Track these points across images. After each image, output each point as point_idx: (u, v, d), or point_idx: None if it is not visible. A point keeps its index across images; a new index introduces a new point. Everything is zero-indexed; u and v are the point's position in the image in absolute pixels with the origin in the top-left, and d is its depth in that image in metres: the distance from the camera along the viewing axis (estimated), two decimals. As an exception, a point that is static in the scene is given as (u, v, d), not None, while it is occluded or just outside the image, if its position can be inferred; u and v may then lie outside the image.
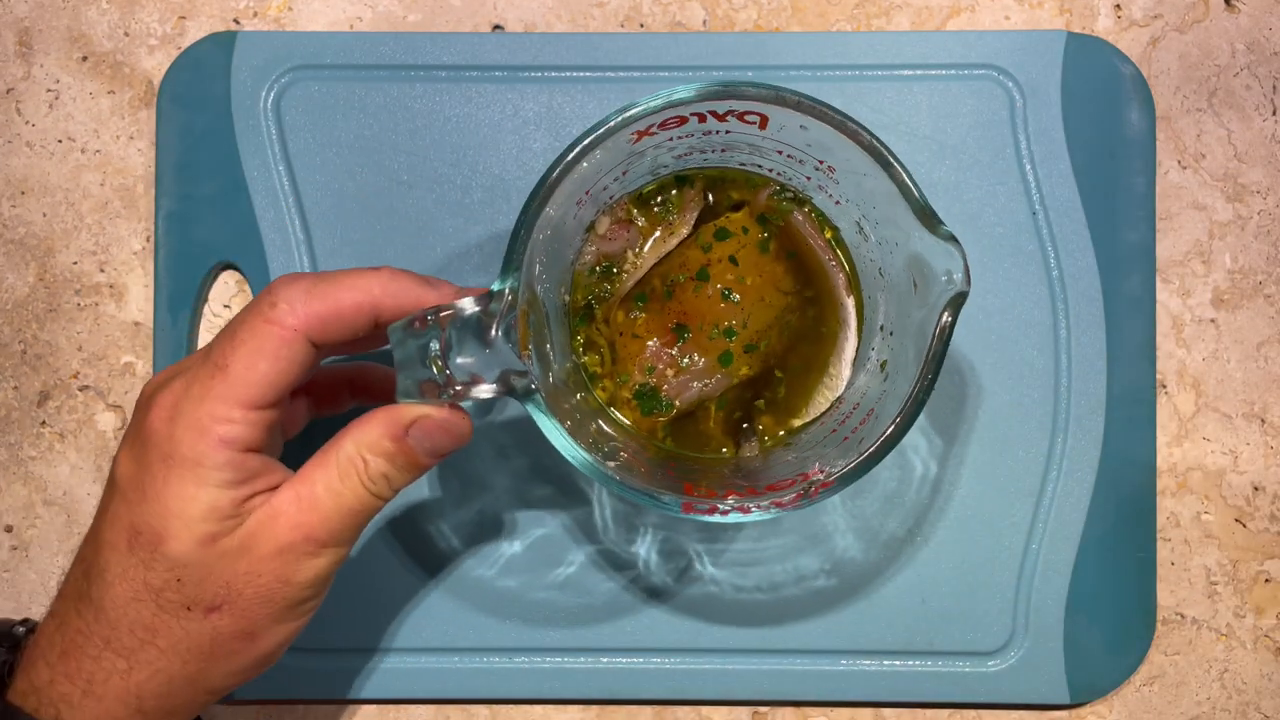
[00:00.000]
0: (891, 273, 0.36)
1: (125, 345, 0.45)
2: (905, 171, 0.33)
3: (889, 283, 0.37)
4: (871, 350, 0.39)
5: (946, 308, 0.32)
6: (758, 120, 0.35)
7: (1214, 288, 0.45)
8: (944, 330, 0.32)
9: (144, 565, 0.32)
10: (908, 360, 0.34)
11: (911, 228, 0.33)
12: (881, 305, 0.38)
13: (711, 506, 0.33)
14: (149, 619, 0.32)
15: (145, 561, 0.32)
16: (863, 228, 0.38)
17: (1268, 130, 0.45)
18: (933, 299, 0.33)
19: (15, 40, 0.46)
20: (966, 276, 0.32)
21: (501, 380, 0.32)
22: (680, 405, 0.40)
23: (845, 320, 0.40)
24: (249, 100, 0.44)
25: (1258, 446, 0.45)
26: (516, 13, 0.46)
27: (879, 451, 0.33)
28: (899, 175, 0.33)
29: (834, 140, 0.34)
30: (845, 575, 0.44)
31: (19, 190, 0.46)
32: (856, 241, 0.39)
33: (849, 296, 0.40)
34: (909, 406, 0.33)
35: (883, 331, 0.38)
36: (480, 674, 0.43)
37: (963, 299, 0.32)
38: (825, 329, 0.40)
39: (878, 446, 0.33)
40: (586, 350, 0.40)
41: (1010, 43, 0.44)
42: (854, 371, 0.40)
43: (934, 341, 0.32)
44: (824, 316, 0.40)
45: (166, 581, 0.32)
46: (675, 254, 0.40)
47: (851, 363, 0.40)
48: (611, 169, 0.37)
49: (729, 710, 0.45)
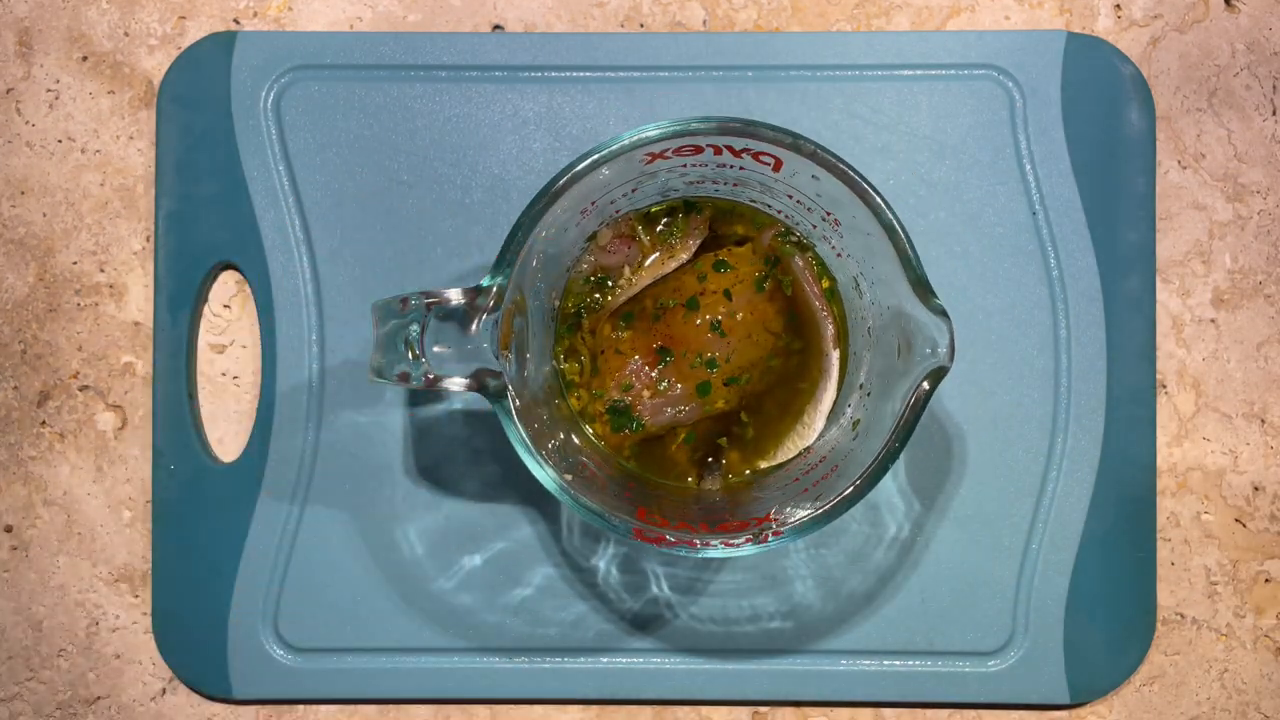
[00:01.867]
0: (880, 333, 0.36)
1: (125, 345, 0.45)
2: (908, 240, 0.33)
3: (875, 342, 0.37)
4: (848, 406, 0.39)
5: (926, 378, 0.32)
6: (772, 162, 0.35)
7: (1214, 288, 0.45)
8: (919, 400, 0.32)
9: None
10: (881, 423, 0.34)
11: (905, 294, 0.33)
12: (865, 363, 0.38)
13: (660, 536, 0.33)
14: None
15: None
16: (859, 284, 0.38)
17: (1268, 130, 0.45)
18: (915, 368, 0.33)
19: (15, 40, 0.46)
20: (951, 352, 0.32)
21: (475, 377, 0.32)
22: (650, 427, 0.40)
23: (828, 371, 0.40)
24: (249, 100, 0.44)
25: (1258, 446, 0.45)
26: (516, 13, 0.46)
27: (834, 509, 0.33)
28: (901, 243, 0.33)
29: (843, 195, 0.34)
30: (845, 575, 0.44)
31: (19, 190, 0.46)
32: (851, 296, 0.39)
33: (835, 349, 0.40)
34: (872, 469, 0.33)
35: (861, 390, 0.38)
36: (480, 674, 0.43)
37: (943, 373, 0.33)
38: (806, 377, 0.41)
39: (834, 504, 0.33)
40: (568, 358, 0.40)
41: (1010, 43, 0.44)
42: (827, 424, 0.40)
43: (907, 410, 0.33)
44: (807, 365, 0.41)
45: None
46: (671, 277, 0.40)
47: (826, 415, 0.40)
48: (621, 184, 0.37)
49: (729, 710, 0.45)
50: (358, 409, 0.44)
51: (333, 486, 0.44)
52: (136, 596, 0.45)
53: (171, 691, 0.45)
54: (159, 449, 0.44)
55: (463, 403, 0.44)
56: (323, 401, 0.44)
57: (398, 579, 0.44)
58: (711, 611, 0.43)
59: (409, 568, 0.44)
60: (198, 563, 0.44)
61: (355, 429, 0.44)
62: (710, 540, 0.33)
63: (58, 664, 0.45)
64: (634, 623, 0.43)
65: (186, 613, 0.44)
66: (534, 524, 0.44)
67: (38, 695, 0.45)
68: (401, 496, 0.44)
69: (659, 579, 0.44)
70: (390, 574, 0.44)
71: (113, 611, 0.45)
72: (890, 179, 0.44)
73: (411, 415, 0.44)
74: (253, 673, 0.44)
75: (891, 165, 0.44)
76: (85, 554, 0.45)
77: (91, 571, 0.45)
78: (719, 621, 0.43)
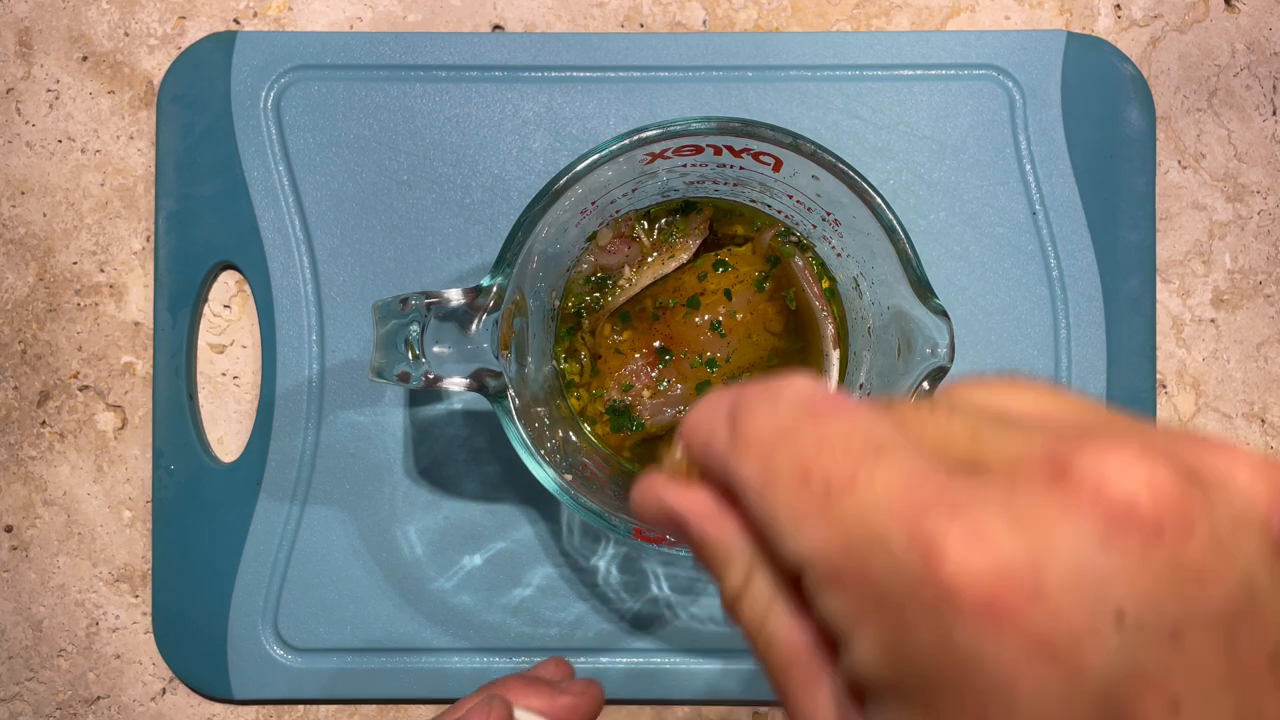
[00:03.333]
0: (880, 333, 0.36)
1: (125, 345, 0.45)
2: (908, 240, 0.33)
3: (876, 342, 0.37)
4: None
5: (926, 378, 0.32)
6: (772, 162, 0.35)
7: (1214, 288, 0.45)
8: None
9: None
10: None
11: (905, 295, 0.33)
12: (865, 363, 0.38)
13: (660, 536, 0.33)
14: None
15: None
16: (859, 284, 0.38)
17: (1268, 130, 0.45)
18: (915, 368, 0.33)
19: (15, 40, 0.46)
20: (951, 352, 0.32)
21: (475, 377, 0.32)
22: (650, 427, 0.40)
23: (828, 372, 0.40)
24: (249, 100, 0.44)
25: (1258, 446, 0.45)
26: (516, 13, 0.46)
27: None
28: (901, 243, 0.33)
29: (844, 195, 0.34)
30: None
31: (19, 190, 0.46)
32: (851, 296, 0.39)
33: (835, 349, 0.40)
34: None
35: (861, 390, 0.38)
36: (480, 674, 0.43)
37: (943, 373, 0.33)
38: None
39: None
40: (568, 358, 0.40)
41: (1010, 43, 0.44)
42: None
43: None
44: (807, 365, 0.41)
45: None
46: (671, 278, 0.40)
47: None
48: (622, 184, 0.37)
49: (729, 710, 0.45)
50: (358, 409, 0.44)
51: (333, 486, 0.44)
52: (136, 596, 0.45)
53: (171, 691, 0.45)
54: (159, 449, 0.44)
55: (463, 403, 0.44)
56: (323, 401, 0.44)
57: (398, 579, 0.44)
58: (712, 611, 0.43)
59: (409, 568, 0.44)
60: (198, 563, 0.44)
61: (355, 429, 0.44)
62: None
63: (58, 664, 0.45)
64: (634, 623, 0.43)
65: (186, 613, 0.44)
66: (534, 524, 0.44)
67: (38, 695, 0.45)
68: (401, 496, 0.44)
69: (659, 579, 0.44)
70: (390, 574, 0.44)
71: (113, 611, 0.45)
72: (890, 179, 0.44)
73: (411, 415, 0.44)
74: (252, 673, 0.44)
75: (891, 165, 0.44)
76: (85, 554, 0.45)
77: (91, 571, 0.45)
78: (719, 621, 0.43)
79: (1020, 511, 0.15)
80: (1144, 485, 0.15)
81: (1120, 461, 0.15)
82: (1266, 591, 0.15)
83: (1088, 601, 0.14)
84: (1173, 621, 0.14)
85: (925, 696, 0.15)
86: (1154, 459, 0.15)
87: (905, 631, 0.15)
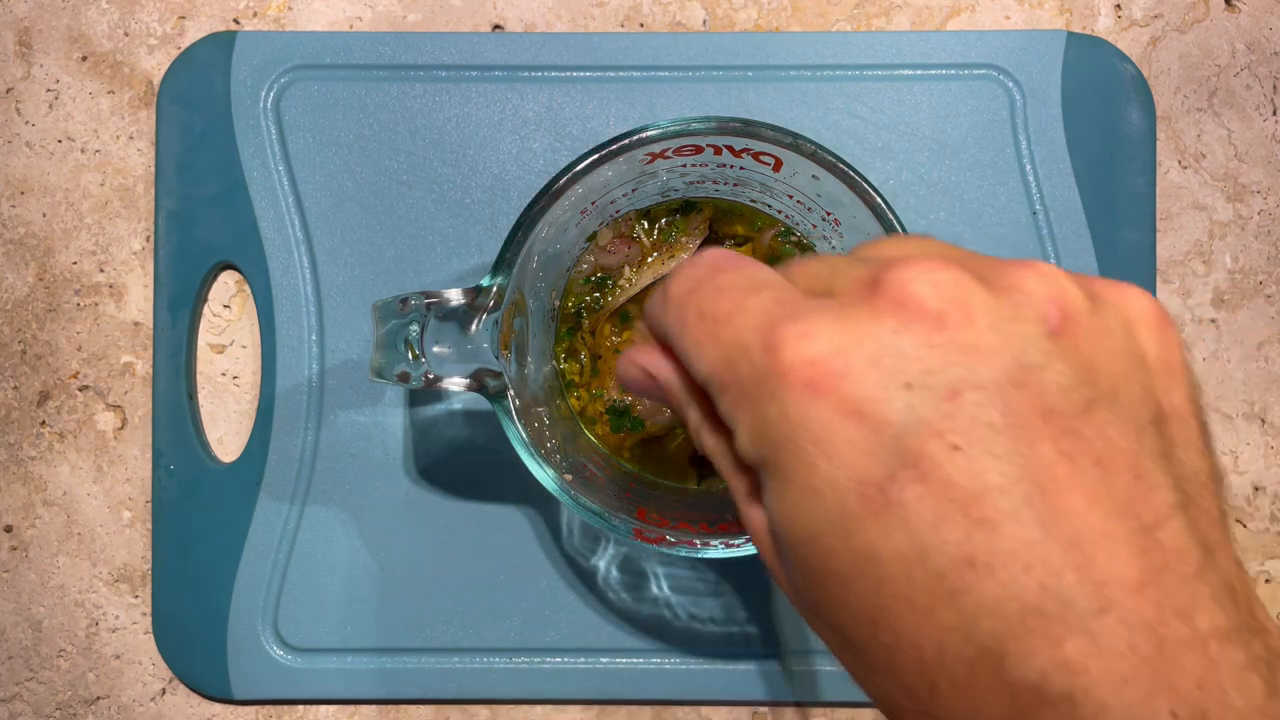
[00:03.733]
0: None
1: (125, 345, 0.45)
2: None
3: None
4: None
5: None
6: (772, 162, 0.35)
7: (1214, 288, 0.45)
8: None
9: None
10: None
11: None
12: None
13: (660, 536, 0.33)
14: None
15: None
16: None
17: (1268, 130, 0.45)
18: None
19: (15, 40, 0.46)
20: None
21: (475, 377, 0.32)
22: (651, 427, 0.40)
23: None
24: (249, 100, 0.44)
25: (1258, 447, 0.45)
26: (516, 13, 0.46)
27: None
28: None
29: (844, 195, 0.34)
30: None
31: (19, 190, 0.46)
32: None
33: None
34: None
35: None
36: (480, 674, 0.43)
37: None
38: None
39: None
40: (568, 358, 0.40)
41: (1010, 43, 0.44)
42: None
43: None
44: None
45: None
46: None
47: None
48: (621, 184, 0.37)
49: (729, 710, 0.45)
50: (358, 409, 0.44)
51: (333, 486, 0.44)
52: (136, 597, 0.45)
53: (171, 692, 0.45)
54: (159, 449, 0.44)
55: (463, 403, 0.44)
56: (323, 401, 0.44)
57: (398, 579, 0.44)
58: (711, 611, 0.43)
59: (409, 568, 0.44)
60: (198, 563, 0.44)
61: (355, 429, 0.44)
62: (710, 540, 0.33)
63: (58, 664, 0.45)
64: (634, 623, 0.43)
65: (186, 613, 0.44)
66: (534, 524, 0.44)
67: (38, 695, 0.45)
68: (401, 496, 0.44)
69: (659, 579, 0.44)
70: (390, 574, 0.44)
71: (113, 612, 0.45)
72: (890, 179, 0.44)
73: (411, 415, 0.44)
74: (252, 673, 0.44)
75: (891, 165, 0.44)
76: (85, 554, 0.45)
77: (91, 572, 0.45)
78: (719, 621, 0.43)
79: (842, 316, 0.20)
80: (931, 286, 0.19)
81: (913, 272, 0.20)
82: (1039, 366, 0.19)
83: (883, 374, 0.19)
84: (949, 385, 0.18)
85: (778, 460, 0.20)
86: (949, 269, 0.20)
87: (760, 413, 0.20)
